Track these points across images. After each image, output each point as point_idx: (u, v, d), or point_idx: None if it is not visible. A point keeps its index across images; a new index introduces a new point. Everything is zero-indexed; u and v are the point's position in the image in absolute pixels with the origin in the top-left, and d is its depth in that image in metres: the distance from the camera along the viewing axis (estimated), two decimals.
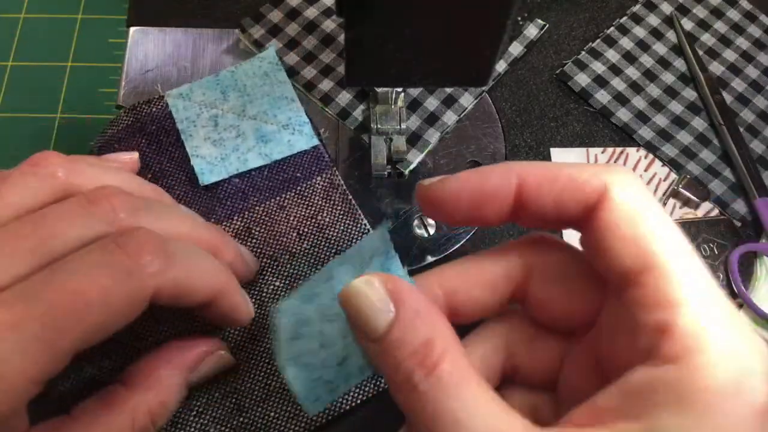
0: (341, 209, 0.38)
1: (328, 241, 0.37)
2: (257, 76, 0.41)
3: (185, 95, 0.40)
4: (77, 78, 1.13)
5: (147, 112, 0.40)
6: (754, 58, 0.45)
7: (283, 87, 0.41)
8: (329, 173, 0.39)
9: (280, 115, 0.40)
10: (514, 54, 0.44)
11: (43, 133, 1.08)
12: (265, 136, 0.39)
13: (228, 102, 0.40)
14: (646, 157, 0.42)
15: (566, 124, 0.43)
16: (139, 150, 0.39)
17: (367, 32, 0.29)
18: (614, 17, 0.46)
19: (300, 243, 0.37)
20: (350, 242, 0.37)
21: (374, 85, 0.35)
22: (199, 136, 0.39)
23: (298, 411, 0.33)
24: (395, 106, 0.40)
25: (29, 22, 1.17)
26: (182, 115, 0.40)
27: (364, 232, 0.37)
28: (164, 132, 0.40)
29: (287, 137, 0.40)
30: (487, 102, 0.43)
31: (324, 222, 0.38)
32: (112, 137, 0.40)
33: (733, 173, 0.42)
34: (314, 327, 0.31)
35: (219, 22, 0.44)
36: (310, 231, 0.38)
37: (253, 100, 0.40)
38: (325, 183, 0.39)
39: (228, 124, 0.40)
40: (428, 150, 0.41)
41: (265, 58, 0.42)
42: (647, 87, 0.44)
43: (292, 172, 0.39)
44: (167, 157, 0.39)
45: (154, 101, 0.40)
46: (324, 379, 0.30)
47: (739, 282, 0.37)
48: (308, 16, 0.44)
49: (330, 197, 0.38)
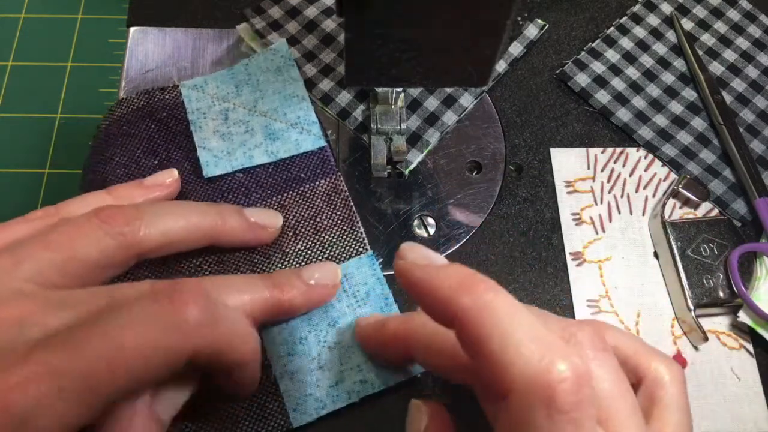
0: (341, 215, 0.38)
1: (322, 245, 0.37)
2: (270, 71, 0.41)
3: (199, 87, 0.40)
4: (77, 78, 1.13)
5: (160, 98, 0.40)
6: (754, 58, 0.45)
7: (295, 85, 0.41)
8: (334, 177, 0.39)
9: (290, 114, 0.40)
10: (514, 54, 0.44)
11: (43, 133, 1.08)
12: (274, 134, 0.39)
13: (241, 96, 0.40)
14: (646, 157, 0.42)
15: (566, 124, 0.43)
16: (148, 135, 0.39)
17: (367, 32, 0.29)
18: (614, 17, 0.46)
19: (294, 243, 0.37)
20: (344, 248, 0.37)
21: (374, 85, 0.35)
22: (209, 128, 0.39)
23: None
24: (395, 106, 0.40)
25: (29, 22, 1.17)
26: (194, 106, 0.40)
27: (360, 240, 0.37)
28: (174, 120, 0.40)
29: (295, 136, 0.39)
30: (487, 102, 0.43)
31: (321, 225, 0.38)
32: (121, 118, 0.40)
33: (733, 173, 0.42)
34: (312, 349, 0.34)
35: (219, 22, 0.45)
36: (307, 232, 0.37)
37: (265, 96, 0.40)
38: (328, 187, 0.39)
39: (238, 119, 0.40)
40: (428, 150, 0.41)
41: (278, 51, 0.42)
42: (647, 87, 0.44)
43: (297, 172, 0.39)
44: (175, 145, 0.39)
45: (168, 89, 0.40)
46: (314, 396, 0.33)
47: (739, 282, 0.37)
48: (308, 15, 0.44)
49: (331, 201, 0.38)
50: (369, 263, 0.37)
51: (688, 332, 0.37)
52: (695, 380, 0.36)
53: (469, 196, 0.40)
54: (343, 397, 0.33)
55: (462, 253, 0.39)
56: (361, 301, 0.36)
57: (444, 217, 0.40)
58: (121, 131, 0.39)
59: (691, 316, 0.36)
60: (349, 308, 0.35)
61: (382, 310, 0.35)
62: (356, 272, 0.36)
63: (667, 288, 0.38)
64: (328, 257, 0.37)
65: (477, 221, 0.40)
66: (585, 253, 0.39)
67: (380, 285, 0.36)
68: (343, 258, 0.37)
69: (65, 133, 1.07)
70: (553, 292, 0.38)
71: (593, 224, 0.40)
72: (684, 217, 0.40)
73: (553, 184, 0.41)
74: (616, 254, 0.39)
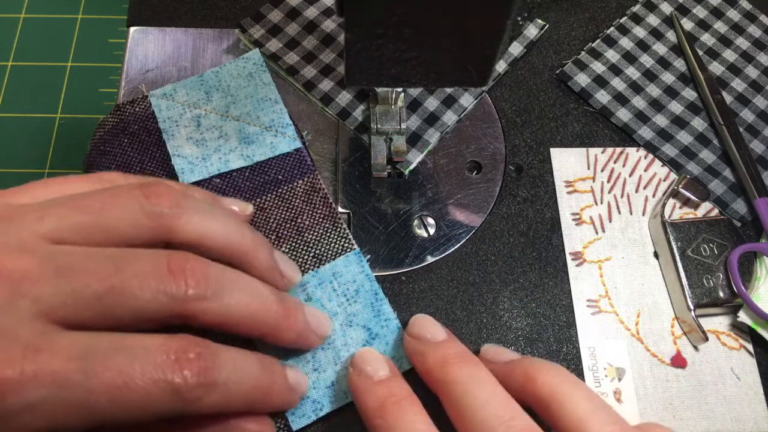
0: (321, 213, 0.38)
1: (307, 245, 0.37)
2: (242, 77, 0.41)
3: (169, 95, 0.40)
4: (77, 78, 1.13)
5: (131, 111, 0.40)
6: (754, 58, 0.45)
7: (267, 88, 0.41)
8: (311, 177, 0.39)
9: (264, 117, 0.40)
10: (514, 54, 0.44)
11: (43, 133, 1.08)
12: (248, 138, 0.39)
13: (211, 102, 0.40)
14: (646, 157, 0.42)
15: (566, 124, 0.43)
16: (121, 150, 0.39)
17: (367, 32, 0.29)
18: (614, 17, 0.46)
19: (278, 246, 0.37)
20: (329, 246, 0.37)
21: (374, 85, 0.35)
22: (181, 135, 0.39)
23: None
24: (395, 106, 0.40)
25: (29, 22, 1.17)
26: (165, 114, 0.40)
27: (345, 237, 0.37)
28: (146, 132, 0.39)
29: (270, 139, 0.40)
30: (487, 102, 0.43)
31: (303, 225, 0.38)
32: (100, 140, 0.40)
33: (733, 173, 0.41)
34: (306, 352, 0.34)
35: (219, 22, 0.45)
36: (289, 234, 0.37)
37: (237, 101, 0.40)
38: (306, 186, 0.39)
39: (211, 125, 0.40)
40: (428, 150, 0.41)
41: (250, 59, 0.42)
42: (647, 87, 0.44)
43: (274, 174, 0.39)
44: (148, 156, 0.39)
45: (138, 101, 0.40)
46: (312, 398, 0.33)
47: (739, 282, 0.37)
48: (308, 16, 0.44)
49: (311, 200, 0.38)
50: (357, 260, 0.37)
51: (688, 332, 0.37)
52: (695, 380, 0.36)
53: (469, 196, 0.40)
54: (341, 397, 0.33)
55: (462, 253, 0.39)
56: (351, 299, 0.36)
57: (444, 217, 0.40)
58: (99, 152, 0.39)
59: (691, 316, 0.36)
60: (340, 307, 0.35)
61: (372, 307, 0.35)
62: (344, 270, 0.36)
63: (667, 288, 0.38)
64: (314, 256, 0.37)
65: (477, 221, 0.40)
66: (585, 253, 0.39)
67: (369, 281, 0.36)
68: (329, 256, 0.37)
69: (65, 133, 1.07)
70: (553, 292, 0.38)
71: (593, 224, 0.40)
72: (684, 217, 0.40)
73: (553, 184, 0.41)
74: (616, 254, 0.39)
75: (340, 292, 0.36)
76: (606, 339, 0.37)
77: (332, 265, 0.36)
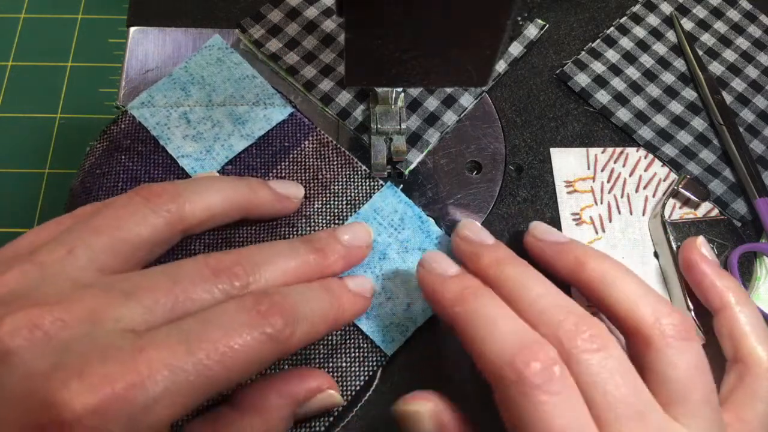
0: (338, 162, 0.39)
1: (336, 196, 0.38)
2: (211, 64, 0.42)
3: (147, 102, 0.40)
4: (77, 78, 1.13)
5: (117, 130, 0.40)
6: (754, 58, 0.45)
7: (241, 67, 0.41)
8: (315, 134, 0.40)
9: (247, 95, 0.41)
10: (514, 54, 0.44)
11: (43, 133, 1.08)
12: (240, 118, 0.40)
13: (192, 97, 0.40)
14: (646, 157, 0.42)
15: (566, 124, 0.43)
16: (122, 167, 0.39)
17: (367, 32, 0.29)
18: (614, 17, 0.46)
19: (311, 205, 0.38)
20: (357, 190, 0.39)
21: (374, 85, 0.35)
22: (177, 136, 0.39)
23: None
24: (395, 106, 0.40)
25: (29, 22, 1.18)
26: (152, 122, 0.40)
27: (366, 177, 0.39)
28: (140, 142, 0.39)
29: (262, 113, 0.40)
30: (487, 102, 0.43)
31: (326, 179, 0.39)
32: (92, 167, 0.39)
33: (733, 173, 0.42)
34: (375, 285, 0.36)
35: (219, 22, 0.45)
36: (317, 192, 0.38)
37: (216, 88, 0.41)
38: (314, 144, 0.40)
39: (200, 118, 0.40)
40: (428, 150, 0.41)
41: (214, 45, 0.42)
42: (647, 87, 0.44)
43: (280, 143, 0.40)
44: (152, 163, 0.39)
45: (120, 118, 0.40)
46: (395, 323, 0.36)
47: (739, 282, 0.37)
48: (308, 15, 0.44)
49: (324, 155, 0.39)
50: (391, 193, 0.38)
51: None
52: None
53: (469, 196, 0.40)
54: (421, 316, 0.35)
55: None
56: (399, 227, 0.37)
57: (444, 217, 0.40)
58: (96, 174, 0.39)
59: (691, 316, 0.36)
60: (391, 237, 0.37)
61: (420, 229, 0.38)
62: (383, 204, 0.38)
63: (667, 288, 0.38)
64: (347, 203, 0.38)
65: (477, 221, 0.40)
66: None
67: (410, 208, 0.38)
68: (363, 198, 0.38)
69: (65, 133, 1.07)
70: None
71: (593, 224, 0.40)
72: (684, 217, 0.40)
73: (553, 184, 0.41)
74: (616, 254, 0.39)
75: (386, 224, 0.38)
76: None
77: (370, 204, 0.38)
